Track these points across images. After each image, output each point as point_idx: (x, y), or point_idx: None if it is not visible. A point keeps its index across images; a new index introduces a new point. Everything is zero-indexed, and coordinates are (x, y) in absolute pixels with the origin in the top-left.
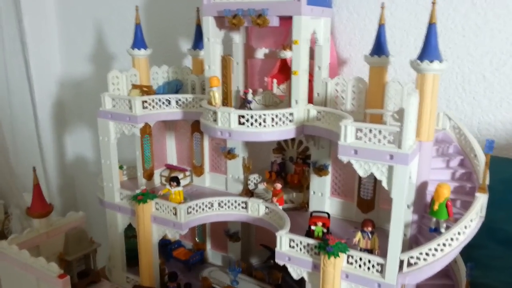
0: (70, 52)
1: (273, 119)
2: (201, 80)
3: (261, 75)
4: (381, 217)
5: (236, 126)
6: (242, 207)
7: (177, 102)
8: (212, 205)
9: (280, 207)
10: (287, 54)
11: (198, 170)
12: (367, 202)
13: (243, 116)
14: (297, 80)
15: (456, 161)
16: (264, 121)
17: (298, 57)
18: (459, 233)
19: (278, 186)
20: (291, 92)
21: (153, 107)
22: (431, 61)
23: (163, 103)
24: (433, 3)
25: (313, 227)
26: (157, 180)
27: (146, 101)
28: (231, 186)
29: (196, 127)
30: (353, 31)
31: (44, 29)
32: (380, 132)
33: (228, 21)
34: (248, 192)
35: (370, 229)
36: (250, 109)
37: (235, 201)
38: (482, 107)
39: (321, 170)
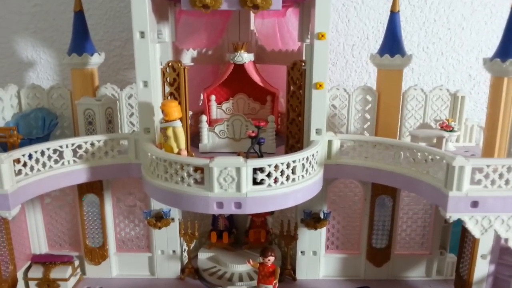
0: None
1: (303, 165)
2: (106, 107)
3: (190, 90)
4: (398, 266)
5: (250, 189)
6: None
7: (74, 151)
8: None
9: None
10: (244, 57)
11: (96, 255)
12: (382, 252)
13: (261, 170)
14: (321, 97)
15: None
16: (293, 172)
17: (323, 59)
18: None
19: (271, 259)
20: (305, 115)
21: (33, 169)
22: None
23: (49, 157)
24: None
25: None
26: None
27: (17, 160)
28: (162, 267)
29: (89, 185)
30: None
31: None
32: (509, 169)
33: (196, 1)
34: (193, 272)
35: None
36: (260, 154)
37: None
38: None
39: (318, 221)
